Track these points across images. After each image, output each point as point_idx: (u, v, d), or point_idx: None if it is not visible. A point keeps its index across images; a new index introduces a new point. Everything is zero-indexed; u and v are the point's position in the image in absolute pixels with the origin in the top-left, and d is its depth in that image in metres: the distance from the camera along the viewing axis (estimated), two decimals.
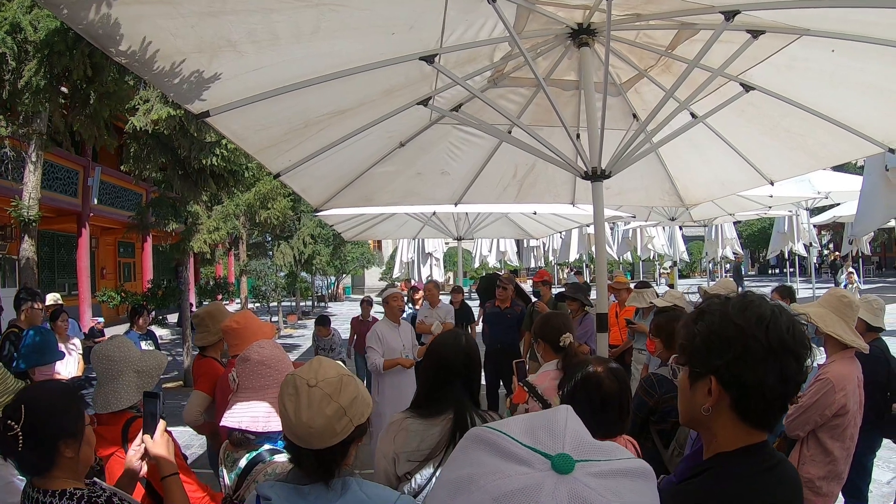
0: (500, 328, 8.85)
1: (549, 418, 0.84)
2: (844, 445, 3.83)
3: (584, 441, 0.80)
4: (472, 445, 0.82)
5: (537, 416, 0.85)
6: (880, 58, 3.61)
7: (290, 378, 1.91)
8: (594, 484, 0.74)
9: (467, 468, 0.78)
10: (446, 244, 21.34)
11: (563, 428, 0.81)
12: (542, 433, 0.80)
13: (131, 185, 20.66)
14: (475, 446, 0.81)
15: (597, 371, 2.72)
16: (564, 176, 6.42)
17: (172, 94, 3.55)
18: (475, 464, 0.78)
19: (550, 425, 0.82)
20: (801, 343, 1.48)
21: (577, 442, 0.80)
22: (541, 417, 0.85)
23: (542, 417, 0.85)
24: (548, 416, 0.85)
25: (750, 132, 5.20)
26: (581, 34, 4.01)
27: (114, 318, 19.27)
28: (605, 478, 0.76)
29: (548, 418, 0.84)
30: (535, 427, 0.82)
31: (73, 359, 7.74)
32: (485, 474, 0.75)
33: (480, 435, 0.82)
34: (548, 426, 0.82)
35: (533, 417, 0.86)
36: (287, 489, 1.87)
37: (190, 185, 11.42)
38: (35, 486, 2.13)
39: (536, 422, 0.84)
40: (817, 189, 12.28)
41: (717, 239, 21.63)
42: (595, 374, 2.72)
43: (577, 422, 0.84)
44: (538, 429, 0.81)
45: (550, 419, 0.83)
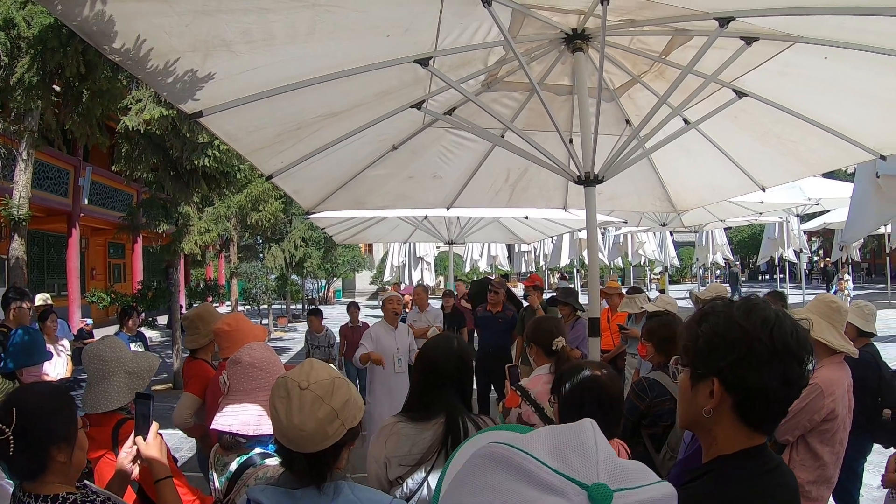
0: (491, 332, 8.84)
1: (578, 437, 0.77)
2: (834, 450, 3.84)
3: (616, 465, 0.74)
4: (493, 466, 0.74)
5: (563, 434, 0.78)
6: (872, 65, 3.63)
7: (281, 380, 1.89)
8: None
9: (490, 494, 0.71)
10: (437, 248, 21.33)
11: (594, 450, 0.74)
12: (573, 456, 0.73)
13: (122, 186, 20.60)
14: (496, 468, 0.73)
15: (600, 374, 2.73)
16: (556, 180, 6.43)
17: (166, 93, 3.54)
18: (499, 490, 0.70)
19: (581, 447, 0.75)
20: (804, 347, 1.48)
21: (610, 467, 0.73)
22: (568, 436, 0.77)
23: (570, 436, 0.77)
24: (576, 434, 0.77)
25: (742, 138, 5.23)
26: (575, 39, 4.02)
27: (103, 320, 19.17)
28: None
29: (577, 437, 0.77)
30: (564, 448, 0.75)
31: (61, 360, 7.70)
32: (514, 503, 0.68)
33: (502, 455, 0.74)
34: (579, 448, 0.75)
35: (558, 435, 0.78)
36: (278, 493, 1.86)
37: (181, 185, 11.37)
38: (26, 491, 2.08)
39: (564, 441, 0.76)
40: (808, 196, 12.36)
41: (708, 245, 21.70)
42: (599, 376, 2.72)
43: (604, 441, 0.78)
44: (568, 450, 0.74)
45: (580, 439, 0.76)
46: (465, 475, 0.77)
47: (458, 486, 0.77)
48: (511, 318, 8.96)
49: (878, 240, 28.57)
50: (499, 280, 9.87)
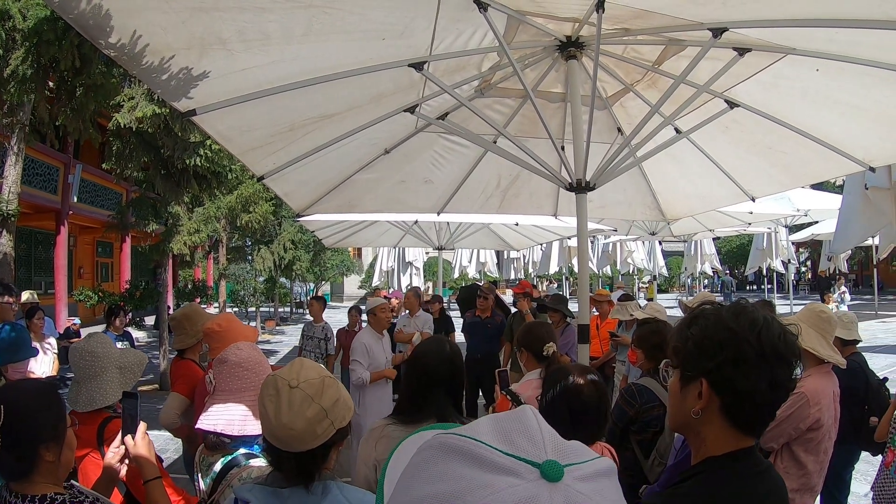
0: (479, 338, 8.84)
1: (520, 421, 0.76)
2: (818, 459, 3.86)
3: (561, 444, 0.74)
4: (444, 455, 0.72)
5: (505, 420, 0.77)
6: (863, 78, 3.67)
7: (270, 379, 1.89)
8: (584, 489, 0.68)
9: (444, 483, 0.69)
10: (427, 254, 21.31)
11: (539, 433, 0.74)
12: (520, 438, 0.73)
13: (112, 184, 20.49)
14: (447, 457, 0.72)
15: (576, 381, 2.74)
16: (547, 187, 6.44)
17: (160, 90, 3.53)
18: (453, 478, 0.68)
19: (526, 429, 0.74)
20: (791, 351, 1.50)
21: (556, 445, 0.73)
22: (510, 421, 0.76)
23: (512, 421, 0.76)
24: (517, 418, 0.77)
25: (733, 149, 5.26)
26: (569, 47, 4.03)
27: (90, 319, 19.05)
28: (590, 481, 0.71)
29: (519, 421, 0.76)
30: (509, 431, 0.74)
31: (48, 358, 7.63)
32: (469, 489, 0.66)
33: (451, 443, 0.73)
34: (524, 431, 0.74)
35: (500, 421, 0.77)
36: (266, 492, 1.85)
37: (172, 185, 11.30)
38: (13, 491, 2.04)
39: (507, 426, 0.75)
40: (796, 206, 12.43)
41: (697, 254, 21.77)
42: (574, 383, 2.73)
43: (546, 424, 0.77)
44: (513, 433, 0.73)
45: (522, 422, 0.76)
46: (416, 468, 0.75)
47: (410, 479, 0.75)
48: (500, 323, 8.96)
49: (865, 251, 28.70)
50: (487, 286, 9.87)
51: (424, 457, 0.75)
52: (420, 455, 0.76)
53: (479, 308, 9.05)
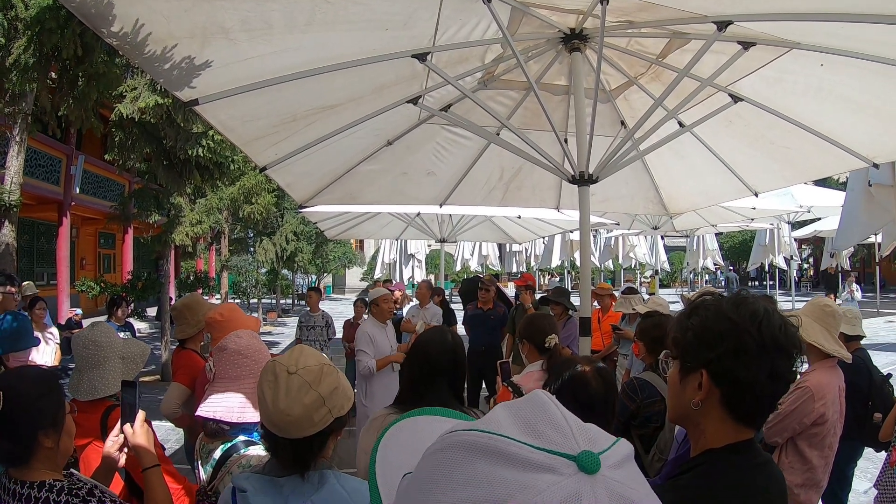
0: (482, 330, 8.84)
1: (541, 409, 0.70)
2: (823, 454, 3.86)
3: (587, 430, 0.69)
4: (468, 456, 0.65)
5: (525, 409, 0.70)
6: (867, 73, 3.65)
7: (269, 365, 1.89)
8: (620, 477, 0.65)
9: (477, 488, 0.62)
10: (429, 246, 21.29)
11: (563, 419, 0.69)
12: (547, 429, 0.67)
13: (114, 176, 20.50)
14: (472, 456, 0.65)
15: (584, 371, 2.73)
16: (550, 180, 6.43)
17: (162, 79, 3.52)
18: (488, 481, 0.62)
19: (550, 418, 0.69)
20: (792, 342, 1.49)
21: (583, 433, 0.68)
22: (530, 410, 0.70)
23: (533, 410, 0.70)
24: (538, 407, 0.71)
25: (736, 143, 5.24)
26: (573, 39, 4.02)
27: (92, 310, 19.08)
28: (622, 467, 0.67)
29: (540, 410, 0.70)
30: (533, 422, 0.68)
31: (49, 348, 7.64)
32: (511, 493, 0.60)
33: (474, 441, 0.66)
34: (548, 420, 0.68)
35: (519, 410, 0.71)
36: (263, 480, 1.85)
37: (174, 175, 11.30)
38: (11, 477, 2.05)
39: (529, 416, 0.69)
40: (799, 203, 12.37)
41: (699, 250, 21.75)
42: (582, 374, 2.72)
43: (565, 409, 0.72)
44: (538, 424, 0.68)
45: (544, 410, 0.70)
46: (435, 471, 0.67)
47: (428, 484, 0.67)
48: (501, 314, 8.98)
49: (868, 249, 28.63)
50: (489, 278, 9.86)
51: (444, 458, 0.67)
52: (437, 457, 0.68)
53: (480, 300, 9.05)
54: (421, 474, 0.69)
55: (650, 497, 0.68)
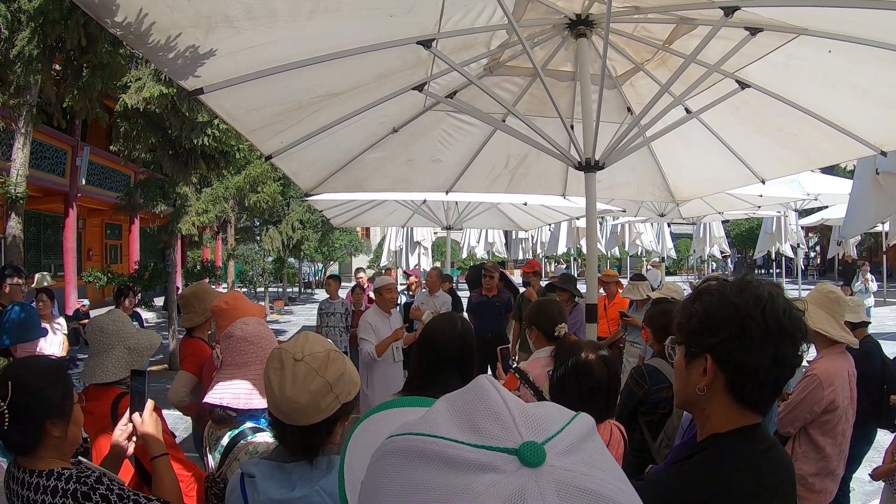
0: (487, 317, 8.84)
1: (479, 399, 0.66)
2: (836, 442, 3.86)
3: (531, 416, 0.64)
4: (404, 463, 0.62)
5: (463, 402, 0.67)
6: (876, 60, 3.61)
7: (276, 352, 1.89)
8: (570, 464, 0.60)
9: (412, 497, 0.59)
10: (435, 233, 21.26)
11: (504, 407, 0.64)
12: (486, 422, 0.62)
13: (120, 167, 20.53)
14: (408, 463, 0.61)
15: (588, 358, 2.73)
16: (556, 167, 6.41)
17: (166, 69, 3.49)
18: (422, 489, 0.59)
19: (489, 409, 0.64)
20: (797, 326, 1.49)
21: (527, 419, 0.63)
22: (469, 402, 0.66)
23: (472, 402, 0.66)
24: (476, 397, 0.66)
25: (743, 130, 5.21)
26: (579, 25, 4.00)
27: (100, 300, 19.16)
28: (574, 452, 0.62)
29: (479, 400, 0.66)
30: (471, 415, 0.64)
31: (57, 339, 7.67)
32: (447, 498, 0.57)
33: (409, 447, 0.62)
34: (486, 410, 0.64)
35: (457, 404, 0.67)
36: (271, 466, 1.86)
37: (180, 165, 11.31)
38: (20, 466, 2.08)
39: (468, 410, 0.65)
40: (806, 190, 12.30)
41: (705, 237, 21.68)
42: (587, 361, 2.73)
43: (508, 393, 0.66)
44: (476, 417, 0.63)
45: (482, 400, 0.65)
46: (375, 481, 0.64)
47: (372, 495, 0.64)
48: (506, 301, 9.00)
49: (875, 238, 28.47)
50: (492, 264, 9.87)
51: (382, 467, 0.64)
52: (377, 466, 0.65)
53: (484, 287, 9.07)
54: (366, 484, 0.66)
55: (612, 478, 0.62)
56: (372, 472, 0.65)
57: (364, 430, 0.92)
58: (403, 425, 0.67)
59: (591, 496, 0.58)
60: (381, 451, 0.65)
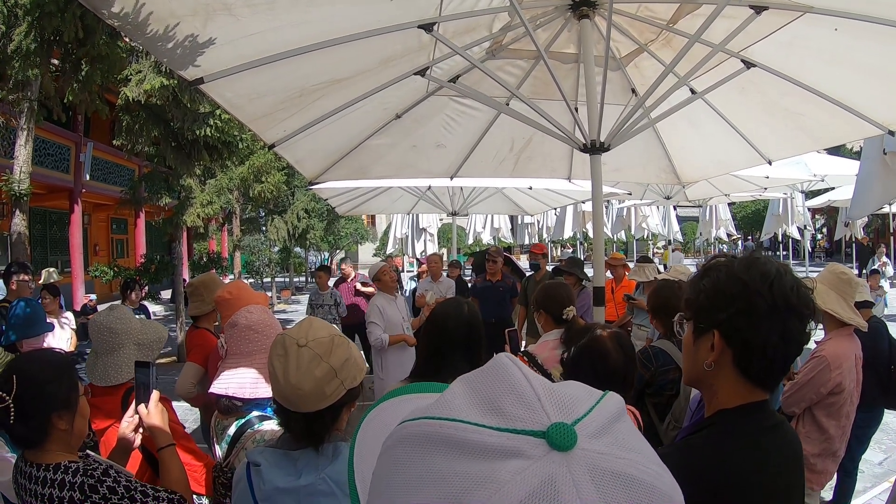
0: (492, 302, 8.83)
1: (501, 379, 0.60)
2: (840, 424, 3.85)
3: (558, 395, 0.58)
4: (420, 450, 0.56)
5: (483, 382, 0.61)
6: (882, 38, 3.57)
7: (279, 338, 1.87)
8: (602, 447, 0.54)
9: (431, 488, 0.53)
10: (440, 220, 21.24)
11: (527, 386, 0.58)
12: (509, 402, 0.57)
13: (123, 161, 20.53)
14: (425, 450, 0.56)
15: (602, 336, 2.71)
16: (561, 150, 6.38)
17: (165, 59, 3.47)
18: (441, 478, 0.53)
19: (512, 388, 0.58)
20: (804, 303, 1.48)
21: (554, 398, 0.57)
22: (489, 382, 0.60)
23: (494, 382, 0.60)
24: (497, 376, 0.60)
25: (749, 110, 5.17)
26: (582, 6, 3.97)
27: (107, 295, 19.18)
28: (605, 433, 0.56)
29: (500, 379, 0.60)
30: (494, 398, 0.58)
31: (65, 334, 7.66)
32: (466, 490, 0.51)
33: (426, 433, 0.57)
34: (509, 390, 0.58)
35: (476, 384, 0.61)
36: (277, 454, 1.85)
37: (183, 157, 11.28)
38: (27, 461, 2.07)
39: (489, 390, 0.59)
40: (813, 172, 12.28)
41: (712, 219, 21.63)
42: (601, 338, 2.70)
43: (531, 372, 0.61)
44: (499, 397, 0.58)
45: (504, 379, 0.59)
46: (389, 470, 0.59)
47: (385, 487, 0.58)
48: (511, 285, 9.01)
49: (882, 219, 28.33)
50: (496, 249, 9.85)
51: (395, 455, 0.59)
52: (390, 454, 0.60)
53: (488, 272, 9.07)
54: (378, 474, 0.61)
55: (649, 461, 0.57)
56: (384, 460, 0.60)
57: (374, 418, 0.88)
58: (417, 409, 0.61)
59: (628, 482, 0.53)
60: (394, 437, 0.60)
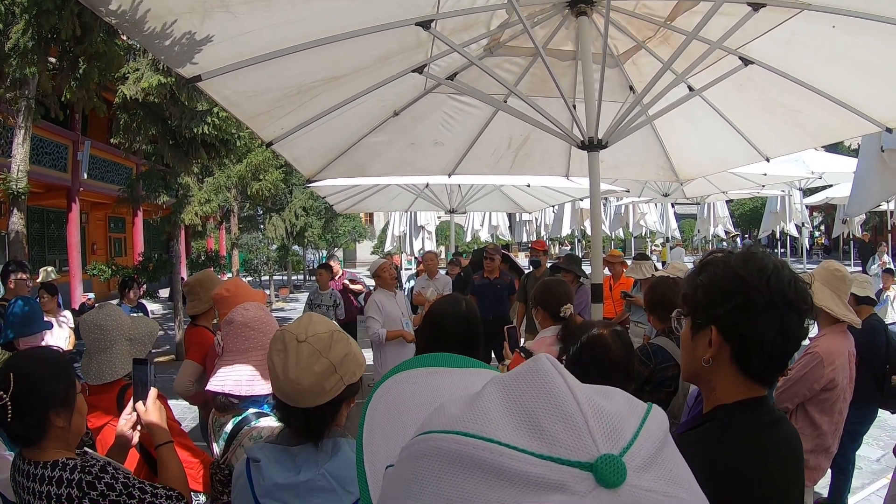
0: (490, 299, 8.84)
1: (546, 393, 0.52)
2: (833, 420, 3.86)
3: (605, 416, 0.51)
4: (451, 469, 0.50)
5: (520, 391, 0.53)
6: (880, 35, 3.58)
7: (279, 333, 1.88)
8: (652, 483, 0.49)
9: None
10: (439, 218, 21.24)
11: (573, 403, 0.51)
12: (553, 424, 0.50)
13: (121, 159, 20.43)
14: (457, 471, 0.49)
15: (602, 334, 2.70)
16: (559, 148, 6.37)
17: (163, 56, 3.47)
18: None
19: (556, 405, 0.51)
20: (802, 298, 1.48)
21: (602, 424, 0.50)
22: (532, 394, 0.53)
23: (535, 394, 0.53)
24: (540, 388, 0.53)
25: (747, 107, 5.18)
26: (579, 3, 3.96)
27: (105, 294, 19.19)
28: (654, 465, 0.50)
29: (545, 393, 0.52)
30: (533, 414, 0.51)
31: (63, 332, 7.66)
32: None
33: (458, 452, 0.50)
34: (555, 409, 0.51)
35: (513, 394, 0.53)
36: (276, 450, 1.85)
37: (181, 155, 11.26)
38: (25, 458, 2.07)
39: (531, 404, 0.52)
40: (811, 169, 12.28)
41: (710, 217, 21.67)
42: (601, 336, 2.69)
43: (576, 382, 0.54)
44: (543, 417, 0.50)
45: (547, 394, 0.52)
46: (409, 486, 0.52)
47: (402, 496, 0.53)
48: (508, 283, 9.05)
49: (879, 216, 28.32)
50: (493, 247, 9.87)
51: (420, 470, 0.52)
52: (413, 466, 0.53)
53: (486, 269, 9.10)
54: (399, 482, 0.55)
55: (693, 497, 0.52)
56: (406, 470, 0.54)
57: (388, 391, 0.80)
58: (444, 415, 0.55)
59: None
60: (419, 448, 0.54)
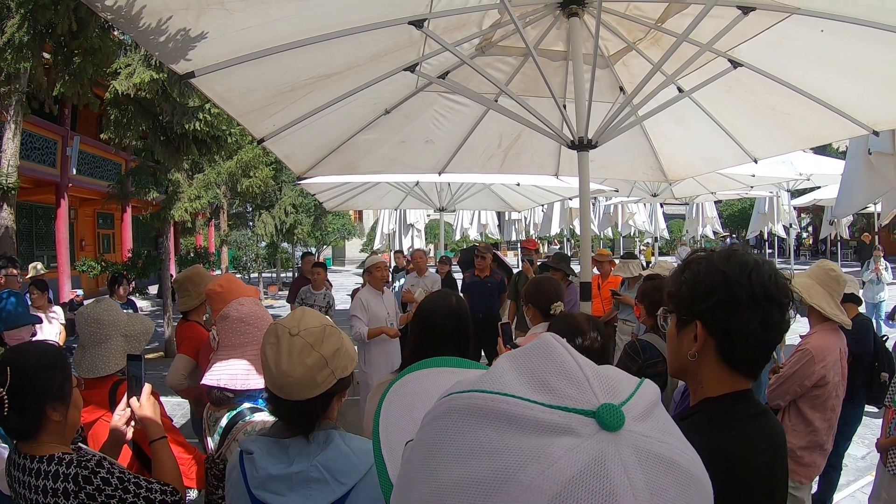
0: (480, 297, 8.88)
1: (550, 358, 0.60)
2: (825, 416, 3.90)
3: (604, 378, 0.59)
4: (469, 422, 0.56)
5: (530, 359, 0.61)
6: (868, 40, 3.63)
7: (272, 327, 1.90)
8: (649, 430, 0.56)
9: (481, 460, 0.53)
10: (428, 216, 21.24)
11: (576, 366, 0.59)
12: (559, 381, 0.58)
13: (111, 155, 20.39)
14: (477, 423, 0.56)
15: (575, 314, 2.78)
16: (549, 147, 6.40)
17: (157, 52, 3.48)
18: (492, 451, 0.53)
19: (561, 367, 0.59)
20: (783, 292, 1.54)
21: (601, 380, 0.58)
22: (537, 359, 0.60)
23: (540, 359, 0.60)
24: (546, 355, 0.61)
25: (736, 109, 5.22)
26: (571, 4, 4.00)
27: (93, 290, 19.10)
28: (648, 417, 0.58)
29: (549, 358, 0.60)
30: (544, 375, 0.58)
31: (53, 328, 7.64)
32: (519, 464, 0.51)
33: (477, 405, 0.57)
34: (558, 369, 0.59)
35: (524, 361, 0.61)
36: (268, 442, 1.87)
37: (171, 151, 11.21)
38: (21, 453, 2.08)
39: (539, 368, 0.59)
40: (799, 171, 12.34)
41: (698, 217, 21.75)
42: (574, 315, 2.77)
43: (578, 353, 0.62)
44: (550, 377, 0.58)
45: (553, 359, 0.60)
46: (434, 442, 0.58)
47: (429, 458, 0.58)
48: (499, 281, 9.07)
49: (867, 218, 28.47)
50: (484, 245, 9.90)
51: (441, 426, 0.58)
52: (437, 424, 0.59)
53: (477, 268, 9.13)
54: (421, 444, 0.61)
55: (686, 448, 0.59)
56: (428, 431, 0.60)
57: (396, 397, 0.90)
58: (461, 382, 0.62)
59: (668, 465, 0.55)
60: (440, 408, 0.61)
